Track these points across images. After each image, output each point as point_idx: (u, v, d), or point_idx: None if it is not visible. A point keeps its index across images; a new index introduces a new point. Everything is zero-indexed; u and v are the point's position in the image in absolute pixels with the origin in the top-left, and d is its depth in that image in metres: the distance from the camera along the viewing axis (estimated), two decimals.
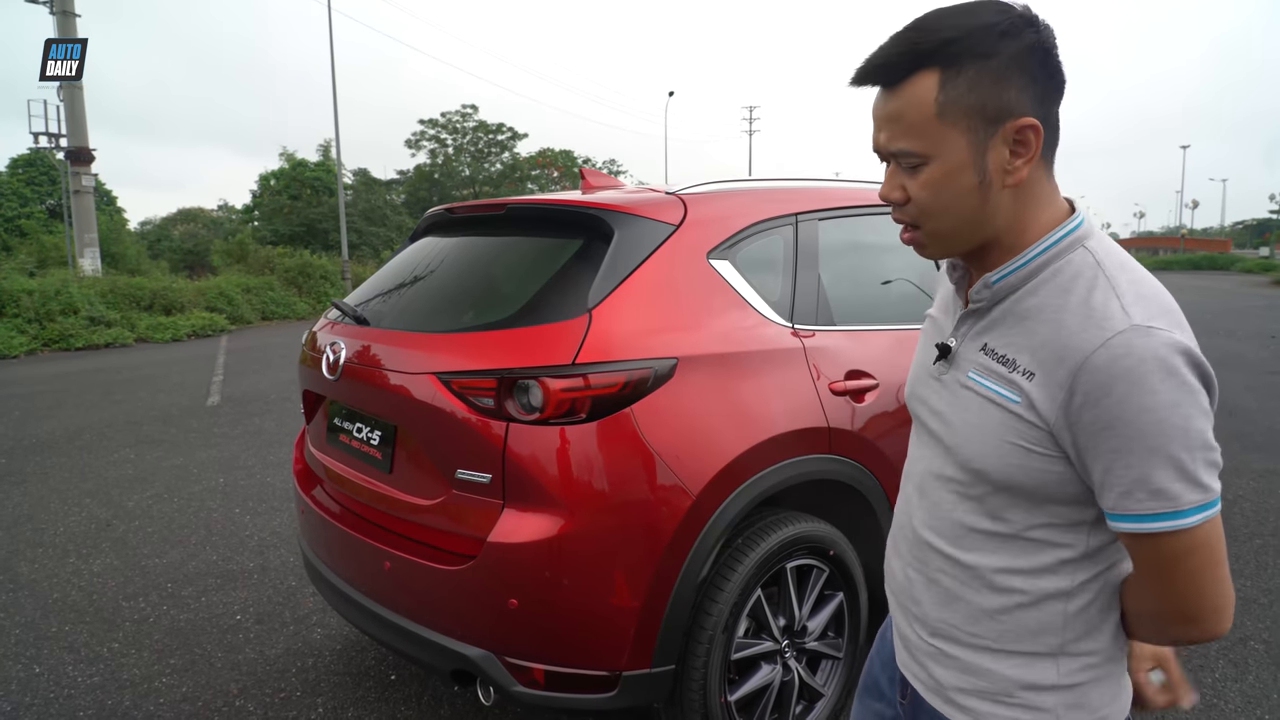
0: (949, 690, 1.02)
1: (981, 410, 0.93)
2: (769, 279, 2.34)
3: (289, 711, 2.63)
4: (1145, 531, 0.84)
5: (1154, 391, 0.80)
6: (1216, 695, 2.65)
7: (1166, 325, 0.83)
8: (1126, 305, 0.84)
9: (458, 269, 2.45)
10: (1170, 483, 0.81)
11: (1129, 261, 0.89)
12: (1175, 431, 0.80)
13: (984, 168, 0.87)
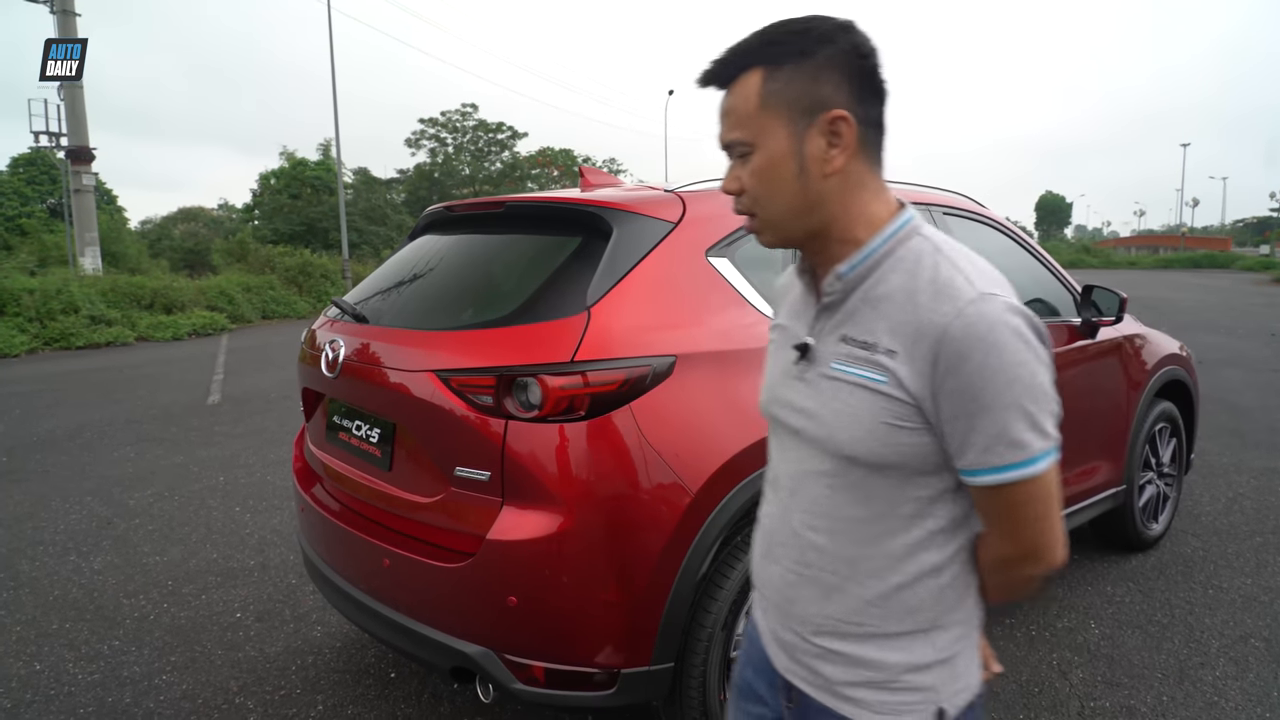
0: (837, 685, 1.04)
1: (850, 396, 0.97)
2: (767, 276, 2.33)
3: (289, 709, 2.63)
4: (1004, 481, 0.91)
5: (1006, 352, 0.88)
6: (1217, 693, 2.65)
7: (1003, 292, 0.92)
8: (970, 277, 0.92)
9: (457, 267, 2.45)
10: (1024, 433, 0.90)
11: (958, 244, 1.00)
12: (1025, 387, 0.89)
13: (802, 156, 0.96)
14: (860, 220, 0.99)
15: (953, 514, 1.00)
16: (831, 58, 0.95)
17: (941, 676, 1.01)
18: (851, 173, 0.97)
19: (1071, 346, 3.25)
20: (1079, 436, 3.33)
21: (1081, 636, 3.04)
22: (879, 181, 1.01)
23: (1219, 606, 3.27)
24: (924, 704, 1.00)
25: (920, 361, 0.91)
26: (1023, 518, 0.94)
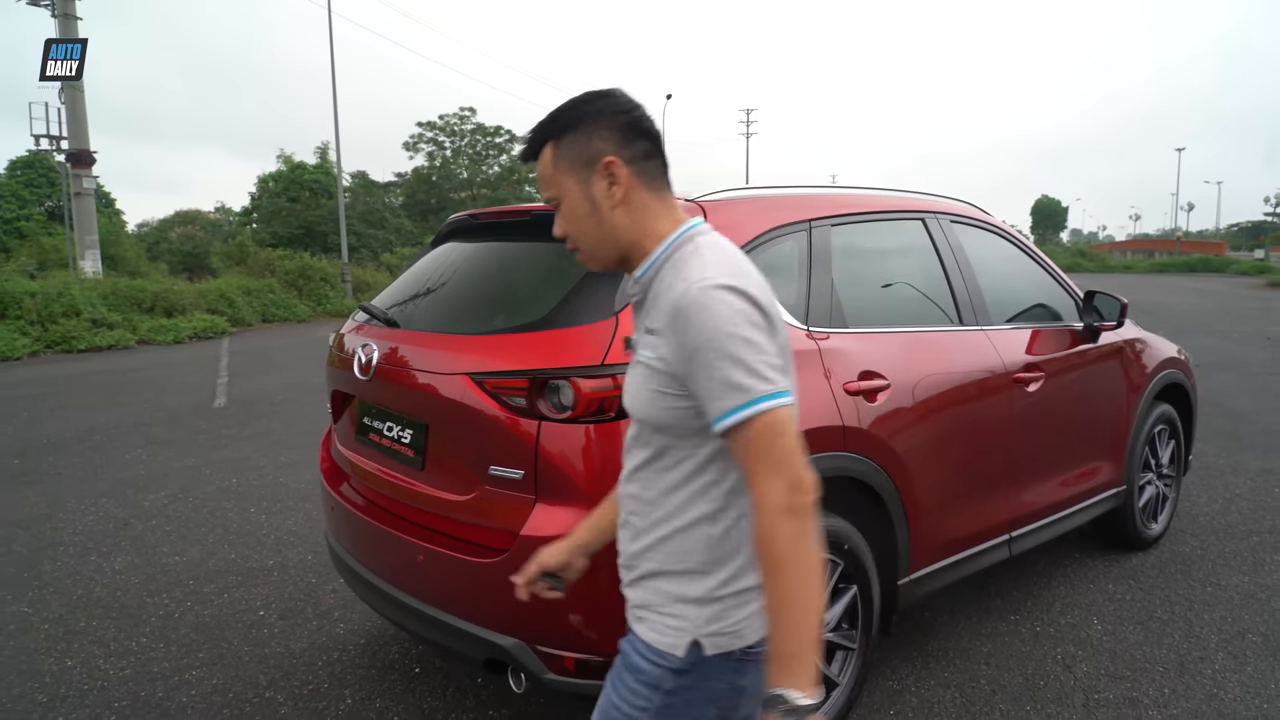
0: (635, 609, 1.27)
1: (639, 373, 1.20)
2: (785, 283, 2.43)
3: (318, 702, 2.71)
4: (736, 421, 1.06)
5: (717, 314, 1.07)
6: (1216, 686, 2.75)
7: (730, 276, 1.11)
8: (706, 265, 1.13)
9: (484, 273, 2.53)
10: (743, 378, 1.06)
11: (726, 247, 1.20)
12: (736, 339, 1.06)
13: (592, 197, 1.20)
14: (650, 236, 1.22)
15: (723, 473, 1.18)
16: (597, 120, 1.20)
17: (703, 614, 1.18)
18: (634, 202, 1.21)
19: (1073, 350, 3.34)
20: (1081, 437, 3.43)
21: (1084, 632, 3.13)
22: (663, 204, 1.24)
23: (1217, 603, 3.36)
24: (682, 631, 1.19)
25: (669, 334, 1.12)
26: (763, 453, 1.06)
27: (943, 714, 2.60)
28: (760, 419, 1.05)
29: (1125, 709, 2.61)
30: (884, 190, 3.03)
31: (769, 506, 1.06)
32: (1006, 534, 3.02)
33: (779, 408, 1.06)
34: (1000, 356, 2.94)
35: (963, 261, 3.03)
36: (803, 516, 1.05)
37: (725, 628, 1.18)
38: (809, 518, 1.06)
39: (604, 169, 1.19)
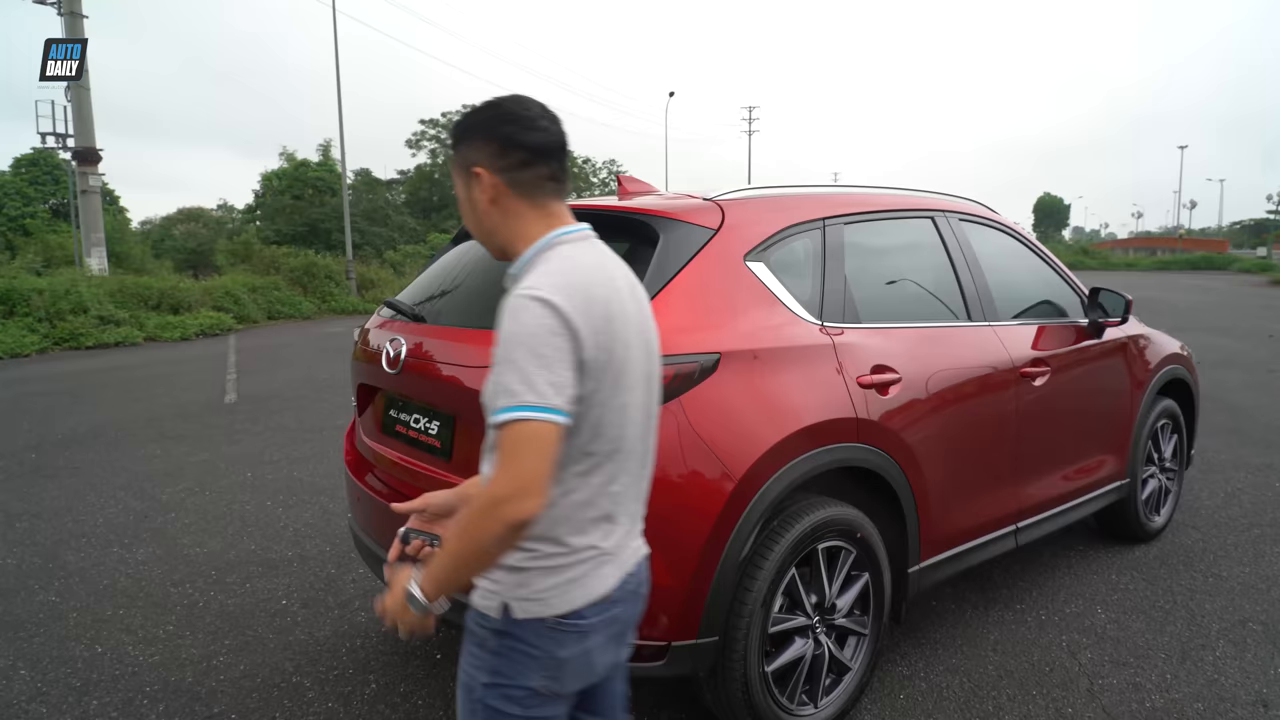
0: None
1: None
2: (800, 280, 2.50)
3: (344, 687, 2.79)
4: (499, 421, 1.17)
5: (519, 321, 1.19)
6: (1217, 671, 2.82)
7: (550, 289, 1.21)
8: (538, 275, 1.25)
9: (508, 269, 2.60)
10: (515, 384, 1.16)
11: (574, 260, 1.30)
12: (524, 349, 1.17)
13: (471, 199, 1.37)
14: (521, 239, 1.36)
15: None
16: (475, 132, 1.36)
17: (512, 580, 1.30)
18: (507, 207, 1.35)
19: (1078, 346, 3.42)
20: (1086, 431, 3.50)
21: (1089, 620, 3.20)
22: (537, 210, 1.36)
23: (1218, 593, 3.44)
24: (495, 595, 1.32)
25: None
26: (508, 455, 1.16)
27: (951, 699, 2.67)
28: (517, 425, 1.16)
29: (1129, 693, 2.69)
30: (895, 190, 3.10)
31: (489, 493, 1.17)
32: (1013, 525, 3.09)
33: (536, 420, 1.16)
34: (1008, 352, 3.01)
35: (971, 259, 3.10)
36: (505, 519, 1.15)
37: (532, 594, 1.29)
38: (508, 522, 1.16)
39: (474, 176, 1.35)
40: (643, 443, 1.40)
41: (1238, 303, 20.04)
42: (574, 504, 1.30)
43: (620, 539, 1.37)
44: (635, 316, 1.35)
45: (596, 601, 1.32)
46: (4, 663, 2.97)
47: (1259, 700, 2.65)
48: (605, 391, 1.27)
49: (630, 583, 1.40)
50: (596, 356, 1.23)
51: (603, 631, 1.35)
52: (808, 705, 2.41)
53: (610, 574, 1.34)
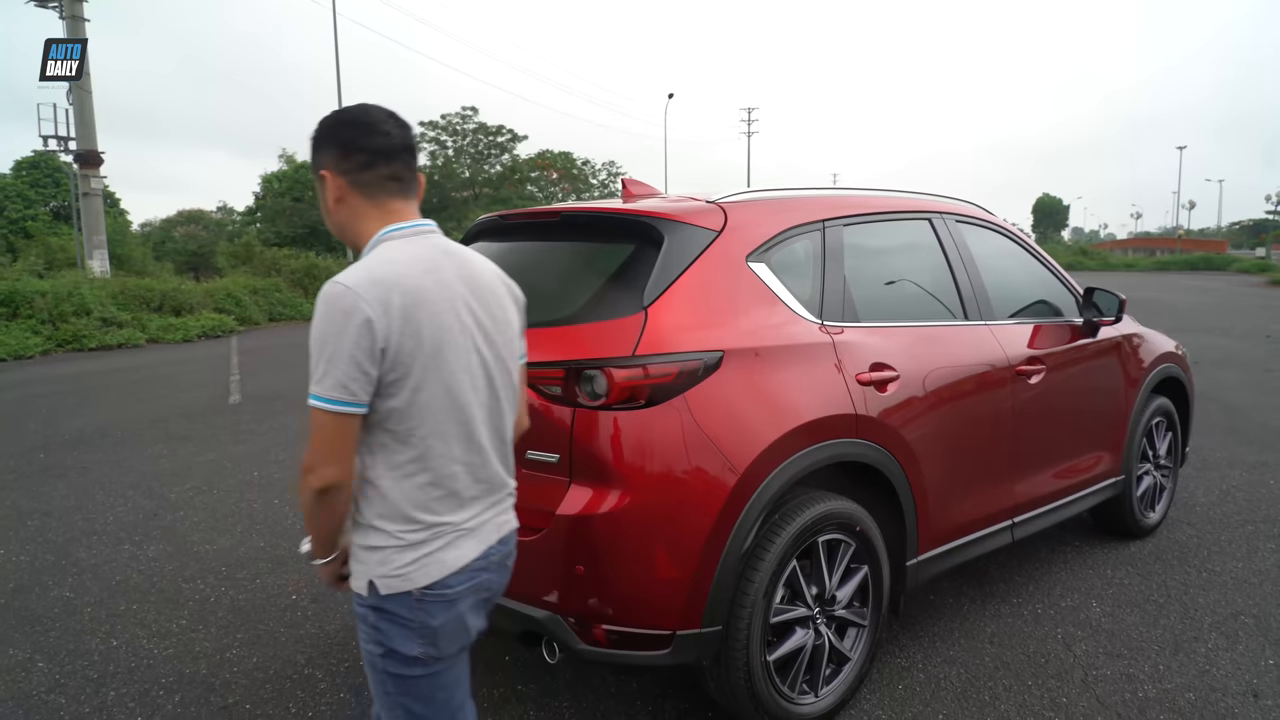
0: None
1: None
2: (800, 280, 2.57)
3: (356, 679, 2.85)
4: (309, 404, 1.35)
5: (320, 310, 1.35)
6: (1209, 663, 2.88)
7: (354, 280, 1.35)
8: (352, 268, 1.40)
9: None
10: (315, 372, 1.34)
11: (387, 256, 1.43)
12: (320, 336, 1.34)
13: (321, 199, 1.53)
14: (362, 236, 1.50)
15: (381, 444, 1.42)
16: (321, 140, 1.50)
17: (373, 559, 1.43)
18: (352, 206, 1.49)
19: (1073, 345, 3.48)
20: (1081, 428, 3.57)
21: (1084, 614, 3.27)
22: (377, 208, 1.49)
23: (1211, 588, 3.50)
24: (363, 575, 1.44)
25: None
26: (310, 434, 1.36)
27: (948, 689, 2.74)
28: (313, 409, 1.35)
29: (1122, 684, 2.75)
30: (893, 192, 3.17)
31: (301, 464, 1.39)
32: (1009, 520, 3.16)
33: (323, 409, 1.34)
34: (1004, 350, 3.08)
35: (968, 259, 3.17)
36: (310, 486, 1.38)
37: (393, 571, 1.42)
38: (313, 488, 1.37)
39: (321, 179, 1.51)
40: (489, 423, 1.52)
41: (1236, 303, 20.12)
42: (418, 485, 1.43)
43: (477, 514, 1.51)
44: (464, 303, 1.47)
45: (457, 572, 1.46)
46: (22, 655, 3.04)
47: (1249, 690, 2.71)
48: (419, 375, 1.40)
49: (495, 554, 1.54)
50: (400, 343, 1.36)
51: (470, 598, 1.49)
52: (808, 694, 2.48)
53: (470, 547, 1.48)
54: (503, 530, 1.57)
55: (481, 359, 1.50)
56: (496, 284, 1.60)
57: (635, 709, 2.64)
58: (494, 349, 1.53)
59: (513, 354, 1.60)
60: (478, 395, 1.49)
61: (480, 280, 1.54)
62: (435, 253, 1.48)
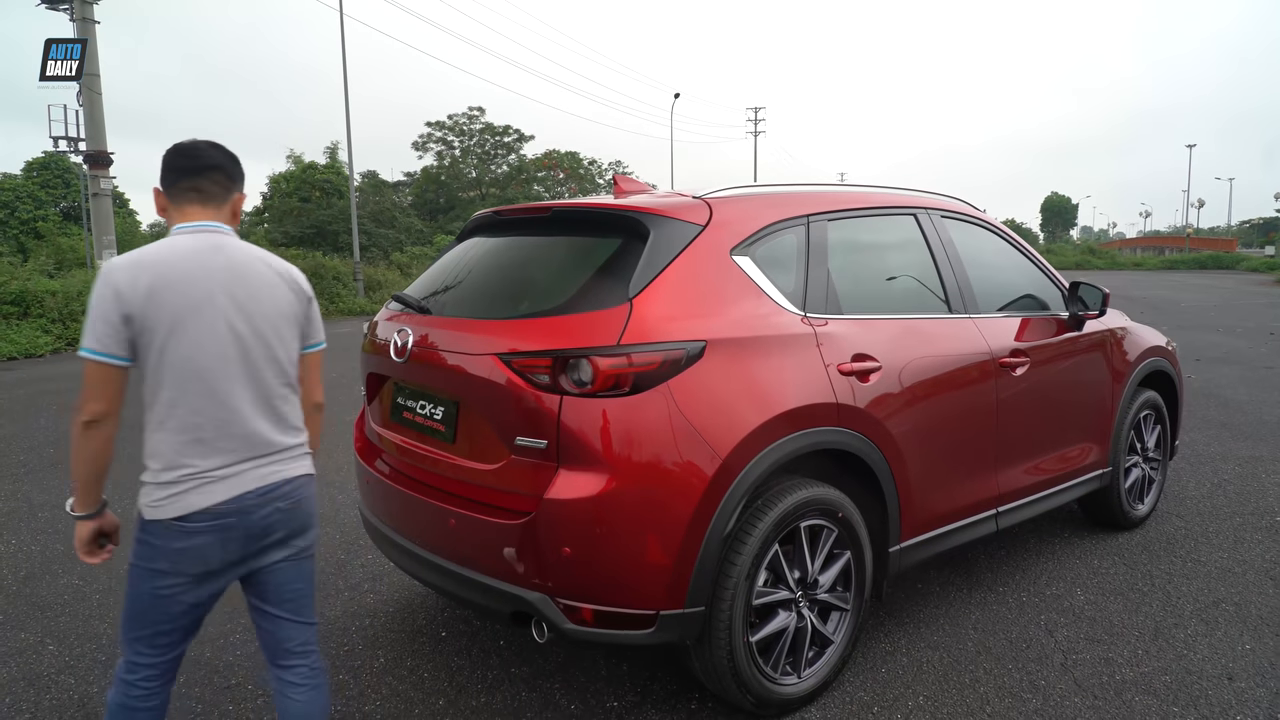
0: None
1: None
2: (784, 273, 2.64)
3: (354, 661, 2.94)
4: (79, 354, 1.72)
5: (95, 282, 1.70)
6: (1187, 648, 2.95)
7: (115, 263, 1.73)
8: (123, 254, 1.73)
9: (508, 264, 2.76)
10: (85, 329, 1.73)
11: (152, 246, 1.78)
12: (89, 307, 1.71)
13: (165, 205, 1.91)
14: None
15: (143, 393, 1.77)
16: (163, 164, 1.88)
17: (142, 493, 1.79)
18: (168, 213, 1.89)
19: (1058, 338, 3.55)
20: (1066, 420, 3.63)
21: (1068, 601, 3.33)
22: (179, 213, 1.87)
23: (1195, 577, 3.56)
24: (138, 504, 1.81)
25: None
26: (83, 380, 1.72)
27: (930, 672, 2.81)
28: (80, 357, 1.72)
29: (1100, 667, 2.82)
30: (878, 188, 3.24)
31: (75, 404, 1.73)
32: (993, 509, 3.22)
33: (88, 358, 1.71)
34: (987, 343, 3.15)
35: (953, 254, 3.24)
36: (78, 421, 1.73)
37: (151, 502, 1.77)
38: (79, 422, 1.73)
39: (156, 192, 1.91)
40: (247, 388, 1.83)
41: (1243, 301, 20.07)
42: (169, 432, 1.77)
43: (228, 464, 1.80)
44: (222, 287, 1.79)
45: (200, 511, 1.77)
46: (33, 639, 3.14)
47: (1225, 674, 2.77)
48: (162, 341, 1.74)
49: (250, 499, 1.82)
50: (145, 313, 1.71)
51: (213, 535, 1.79)
52: (791, 675, 2.55)
53: (217, 491, 1.78)
54: (265, 480, 1.85)
55: (236, 334, 1.80)
56: (268, 274, 1.89)
57: (624, 690, 2.72)
58: (252, 326, 1.83)
59: (278, 333, 1.88)
60: (226, 364, 1.79)
61: (246, 269, 1.85)
62: (205, 246, 1.82)
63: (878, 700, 2.64)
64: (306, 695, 1.98)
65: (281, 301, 1.90)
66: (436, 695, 2.72)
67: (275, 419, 1.88)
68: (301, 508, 1.94)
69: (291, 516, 1.92)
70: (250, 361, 1.83)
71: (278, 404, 1.89)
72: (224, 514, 1.79)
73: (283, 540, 1.92)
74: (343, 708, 2.65)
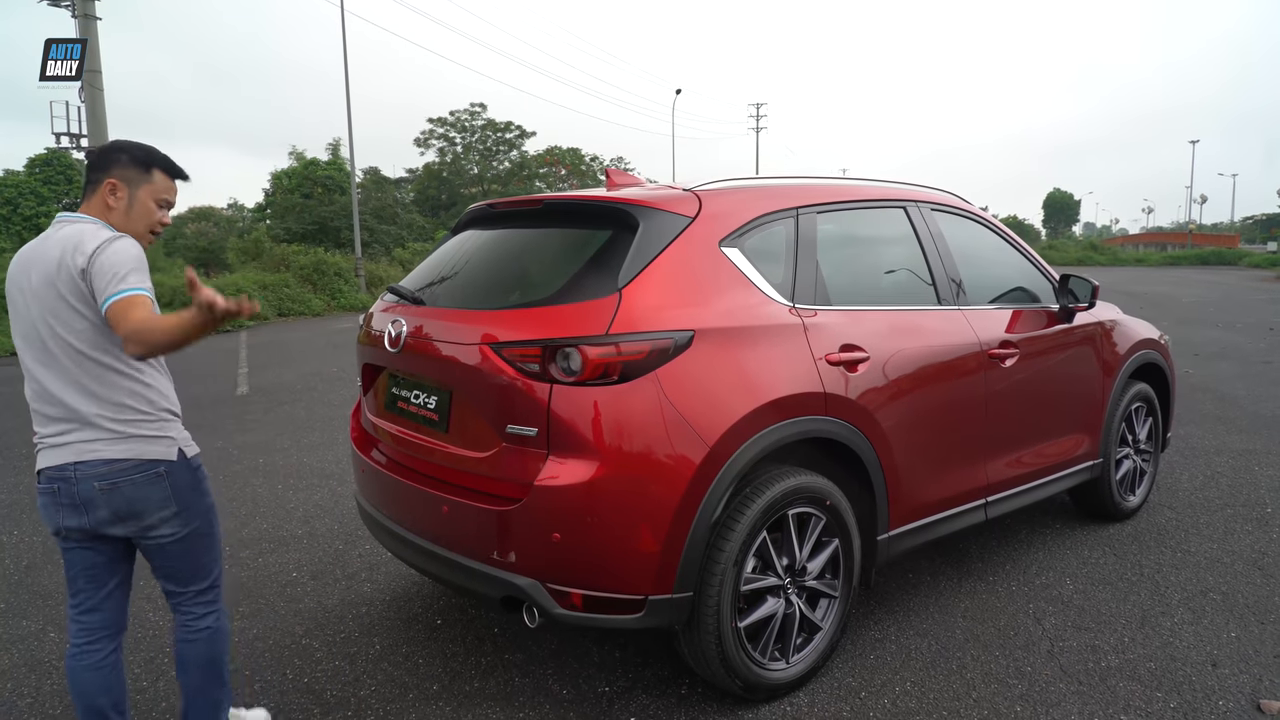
0: None
1: None
2: (773, 265, 2.68)
3: (350, 648, 2.98)
4: None
5: None
6: (1173, 635, 2.98)
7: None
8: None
9: (501, 256, 2.79)
10: None
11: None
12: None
13: None
14: None
15: None
16: None
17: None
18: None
19: (1048, 330, 3.58)
20: (1056, 411, 3.67)
21: (1057, 591, 3.37)
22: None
23: (1184, 567, 3.59)
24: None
25: None
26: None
27: (918, 659, 2.84)
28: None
29: (1086, 654, 2.85)
30: (868, 181, 3.27)
31: None
32: (982, 499, 3.25)
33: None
34: (976, 335, 3.18)
35: (942, 246, 3.27)
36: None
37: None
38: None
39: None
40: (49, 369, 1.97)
41: (1244, 297, 20.04)
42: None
43: (50, 435, 2.00)
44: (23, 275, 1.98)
45: (39, 472, 2.02)
46: (35, 626, 3.19)
47: (1209, 660, 2.81)
48: (10, 323, 2.03)
49: (50, 473, 1.99)
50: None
51: (43, 497, 2.02)
52: (779, 661, 2.59)
53: (41, 458, 2.02)
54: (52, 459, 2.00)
55: (30, 319, 1.98)
56: (50, 255, 1.96)
57: (616, 675, 2.76)
58: (41, 307, 1.96)
59: (56, 314, 1.95)
60: (30, 346, 1.99)
61: (37, 254, 1.99)
62: (39, 236, 2.03)
63: (865, 685, 2.68)
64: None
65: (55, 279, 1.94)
66: (431, 680, 2.76)
67: (87, 395, 1.97)
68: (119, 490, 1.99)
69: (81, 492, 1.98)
70: (43, 344, 1.98)
71: (82, 381, 1.97)
72: (44, 480, 2.02)
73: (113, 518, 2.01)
74: (338, 693, 2.69)
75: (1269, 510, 4.31)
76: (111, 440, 1.97)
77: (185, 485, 2.09)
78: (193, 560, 2.14)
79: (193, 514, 2.11)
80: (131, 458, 1.98)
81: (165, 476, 2.04)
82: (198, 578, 2.17)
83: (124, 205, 2.06)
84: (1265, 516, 4.21)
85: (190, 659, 2.20)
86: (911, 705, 2.57)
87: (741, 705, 2.57)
